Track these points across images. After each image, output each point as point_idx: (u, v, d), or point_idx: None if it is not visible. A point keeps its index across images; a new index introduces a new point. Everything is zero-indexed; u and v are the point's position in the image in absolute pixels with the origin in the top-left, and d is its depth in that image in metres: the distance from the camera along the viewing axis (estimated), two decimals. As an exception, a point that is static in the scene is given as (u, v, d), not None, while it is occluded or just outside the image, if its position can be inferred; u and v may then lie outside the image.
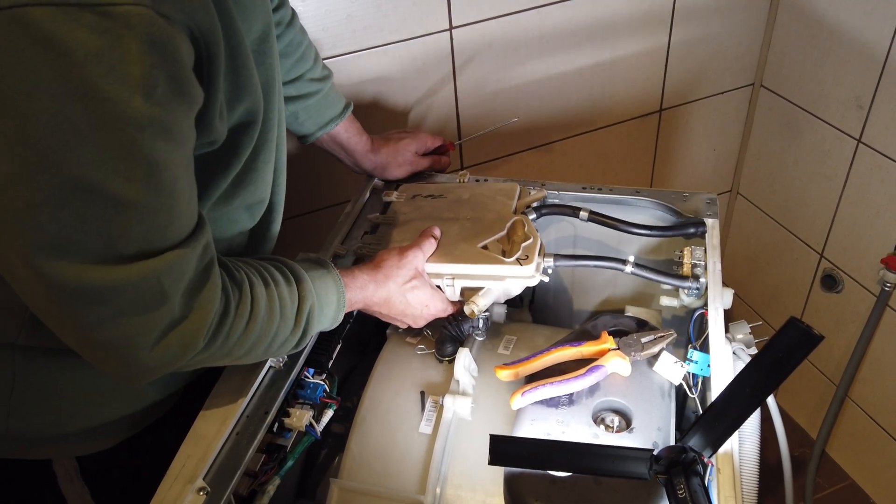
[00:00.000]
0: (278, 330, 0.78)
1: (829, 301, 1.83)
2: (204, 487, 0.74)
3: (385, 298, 0.92)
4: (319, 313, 0.82)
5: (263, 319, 0.75)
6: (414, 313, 0.95)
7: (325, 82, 1.10)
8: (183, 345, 0.68)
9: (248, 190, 0.83)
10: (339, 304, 0.85)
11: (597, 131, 1.72)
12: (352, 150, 1.16)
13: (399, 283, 0.92)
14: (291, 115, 1.09)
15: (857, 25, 1.50)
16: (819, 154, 1.72)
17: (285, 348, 0.81)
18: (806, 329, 0.67)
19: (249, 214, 0.87)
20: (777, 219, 1.93)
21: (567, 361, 0.90)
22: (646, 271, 0.98)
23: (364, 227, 1.10)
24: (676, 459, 0.74)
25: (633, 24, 1.57)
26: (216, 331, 0.70)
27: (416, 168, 1.22)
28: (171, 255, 0.63)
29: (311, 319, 0.81)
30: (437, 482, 0.84)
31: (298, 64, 1.05)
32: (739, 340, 0.97)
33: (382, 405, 0.93)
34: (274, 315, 0.76)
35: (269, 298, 0.76)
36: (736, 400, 0.72)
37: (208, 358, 0.73)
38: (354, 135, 1.16)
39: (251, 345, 0.75)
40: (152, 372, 0.69)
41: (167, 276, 0.63)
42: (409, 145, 1.21)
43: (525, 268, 0.94)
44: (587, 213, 1.06)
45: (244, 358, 0.78)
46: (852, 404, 1.87)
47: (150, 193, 0.59)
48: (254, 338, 0.75)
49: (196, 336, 0.68)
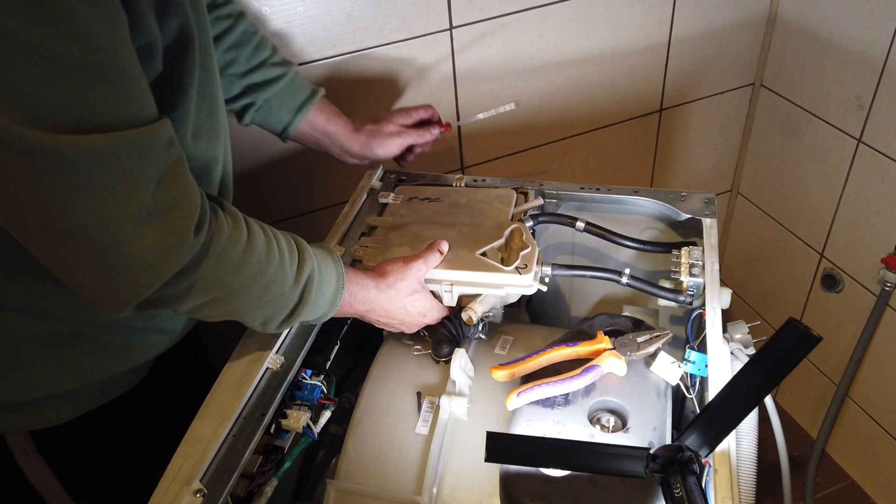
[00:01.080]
0: (275, 275, 0.76)
1: (830, 301, 1.83)
2: (201, 489, 0.74)
3: (384, 306, 0.92)
4: (319, 283, 0.81)
5: (261, 256, 0.74)
6: (411, 321, 0.96)
7: (289, 66, 1.10)
8: (166, 243, 0.65)
9: (205, 139, 0.81)
10: (337, 287, 0.85)
11: (597, 131, 1.72)
12: (334, 133, 1.15)
13: (402, 295, 0.93)
14: (266, 108, 1.09)
15: (858, 25, 1.50)
16: (819, 154, 1.71)
17: (281, 305, 0.79)
18: (804, 330, 0.67)
19: (206, 176, 0.85)
20: (777, 218, 1.93)
21: (563, 361, 0.90)
22: (640, 283, 0.99)
23: (361, 228, 1.10)
24: (673, 458, 0.74)
25: (633, 23, 1.56)
26: (208, 242, 0.69)
27: (404, 140, 1.17)
28: (130, 132, 0.61)
29: (311, 284, 0.80)
30: (434, 483, 0.84)
31: (257, 51, 1.06)
32: (738, 340, 0.97)
33: (379, 406, 0.93)
34: (272, 257, 0.75)
35: (267, 241, 0.76)
36: (733, 400, 0.72)
37: (199, 281, 0.70)
38: (333, 115, 1.14)
39: (246, 278, 0.74)
40: (140, 276, 0.66)
41: (128, 155, 0.61)
42: (392, 117, 1.18)
43: (523, 277, 0.94)
44: (583, 224, 1.06)
45: (238, 295, 0.75)
46: (852, 404, 1.86)
47: (91, 54, 0.58)
48: (250, 271, 0.73)
49: (179, 233, 0.66)
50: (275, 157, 1.41)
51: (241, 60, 1.05)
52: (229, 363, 0.88)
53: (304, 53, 1.32)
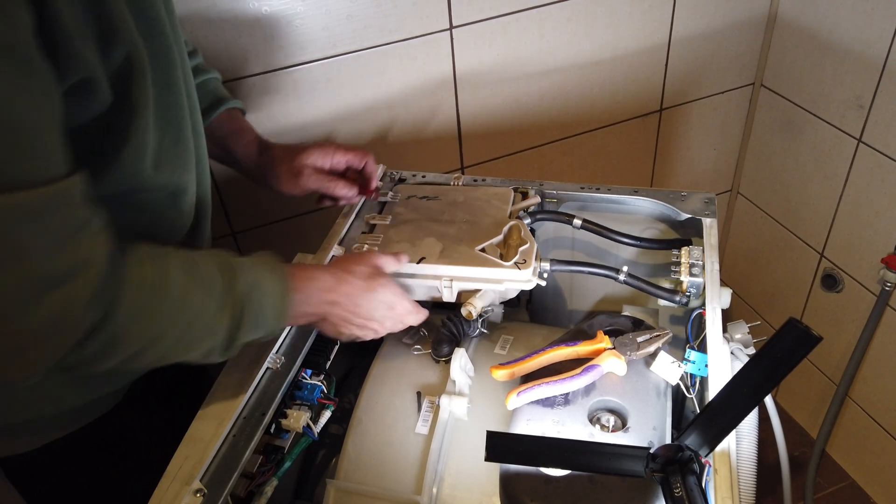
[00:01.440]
0: (199, 310, 0.70)
1: (830, 301, 1.83)
2: (201, 489, 0.74)
3: (348, 294, 0.84)
4: (258, 298, 0.75)
5: (176, 296, 0.68)
6: (382, 314, 0.88)
7: (202, 75, 1.02)
8: (61, 317, 0.59)
9: (169, 168, 0.77)
10: (283, 293, 0.78)
11: (597, 131, 1.72)
12: (233, 152, 1.05)
13: (362, 277, 0.86)
14: None
15: (858, 25, 1.50)
16: (819, 153, 1.71)
17: (214, 335, 0.73)
18: (805, 330, 0.66)
19: (175, 205, 0.81)
20: (777, 218, 1.93)
21: (563, 361, 0.90)
22: (638, 282, 0.99)
23: (362, 228, 1.10)
24: (673, 458, 0.74)
25: (633, 23, 1.56)
26: (112, 302, 0.63)
27: (309, 183, 1.04)
28: (23, 196, 0.55)
29: (245, 303, 0.73)
30: (434, 482, 0.84)
31: None
32: (738, 340, 0.97)
33: (379, 406, 0.93)
34: (190, 292, 0.69)
35: (185, 275, 0.69)
36: (733, 399, 0.72)
37: (110, 342, 0.64)
38: (236, 131, 1.05)
39: (163, 324, 0.67)
40: (32, 353, 0.60)
41: (17, 224, 0.55)
42: (308, 154, 1.04)
43: (522, 272, 0.95)
44: (580, 221, 1.07)
45: (160, 341, 0.69)
46: (852, 404, 1.86)
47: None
48: (165, 315, 0.67)
49: (74, 305, 0.60)
50: (275, 157, 1.41)
51: None
52: (229, 363, 0.88)
53: (304, 53, 1.32)
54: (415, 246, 1.00)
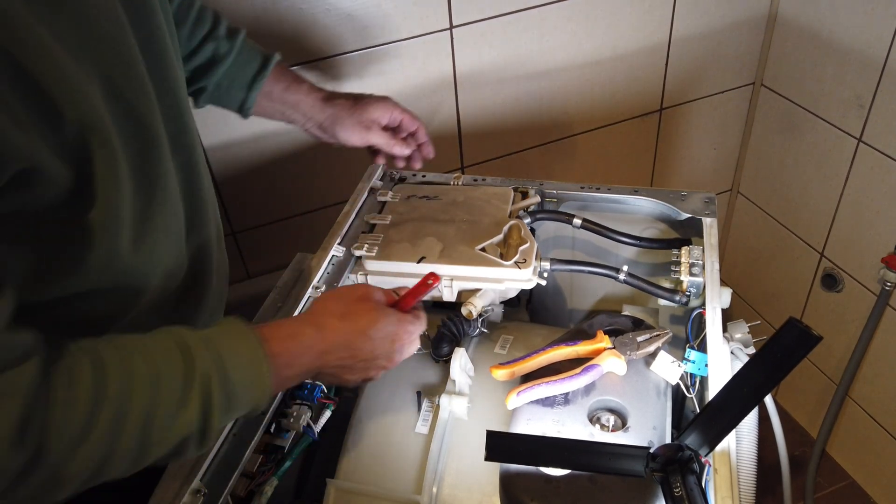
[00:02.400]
0: (153, 408, 0.59)
1: (830, 300, 1.83)
2: (201, 489, 0.74)
3: (338, 343, 0.74)
4: (225, 379, 0.63)
5: (123, 403, 0.57)
6: (386, 350, 0.78)
7: (235, 38, 0.98)
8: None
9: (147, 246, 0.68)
10: (255, 359, 0.66)
11: (597, 130, 1.72)
12: (296, 102, 1.03)
13: (348, 318, 0.75)
14: (215, 89, 0.99)
15: (858, 24, 1.50)
16: (819, 153, 1.71)
17: (182, 428, 0.60)
18: (805, 329, 0.66)
19: (163, 282, 0.73)
20: (777, 218, 1.93)
21: (563, 361, 0.90)
22: (638, 281, 0.99)
23: (362, 228, 1.10)
24: (673, 457, 0.74)
25: (633, 23, 1.56)
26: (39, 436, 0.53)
27: (368, 136, 1.04)
28: None
29: (212, 387, 0.62)
30: (434, 482, 0.84)
31: (197, 28, 0.95)
32: (738, 340, 0.96)
33: (379, 405, 0.93)
34: (141, 390, 0.58)
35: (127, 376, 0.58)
36: (733, 399, 0.72)
37: (52, 474, 0.55)
38: (292, 83, 1.02)
39: (112, 437, 0.57)
40: None
41: None
42: (374, 107, 1.04)
43: (523, 271, 0.95)
44: (580, 221, 1.07)
45: (115, 456, 0.57)
46: (853, 403, 1.86)
47: None
48: (112, 427, 0.56)
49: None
50: (274, 156, 1.41)
51: (181, 43, 0.91)
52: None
53: (304, 53, 1.32)
54: (415, 246, 1.01)
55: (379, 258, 1.00)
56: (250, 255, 1.51)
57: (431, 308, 1.08)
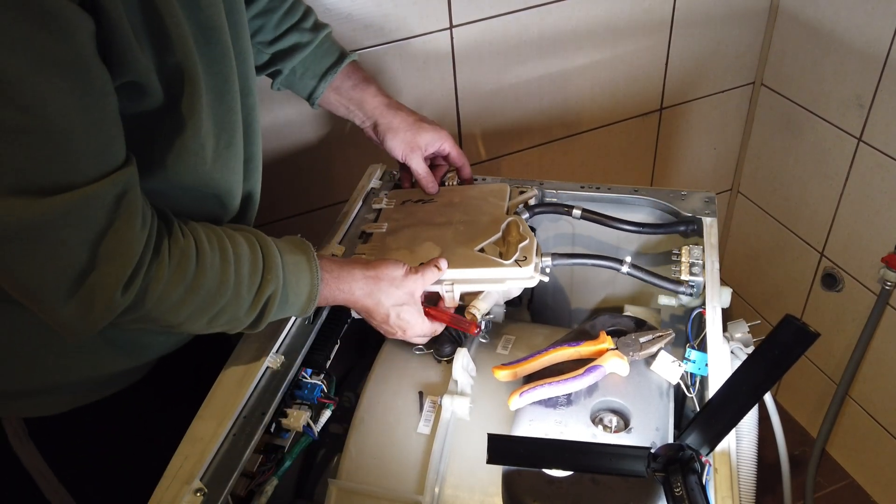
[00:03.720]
0: (226, 306, 0.76)
1: (830, 300, 1.83)
2: (201, 488, 0.74)
3: (368, 307, 0.90)
4: (283, 301, 0.81)
5: (209, 291, 0.74)
6: (392, 330, 0.93)
7: (318, 31, 1.06)
8: (98, 299, 0.66)
9: (221, 169, 0.82)
10: (310, 297, 0.83)
11: (597, 130, 1.72)
12: (359, 101, 1.10)
13: (391, 300, 0.90)
14: (291, 74, 1.07)
15: (858, 24, 1.50)
16: (820, 153, 1.71)
17: (234, 325, 0.80)
18: (801, 326, 0.66)
19: (220, 203, 0.86)
20: (777, 217, 1.93)
21: (565, 361, 0.90)
22: (641, 273, 0.98)
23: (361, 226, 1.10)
24: (674, 457, 0.74)
25: (633, 22, 1.56)
26: (144, 288, 0.69)
27: (410, 157, 1.10)
28: (69, 196, 0.60)
29: (270, 305, 0.80)
30: (436, 482, 0.84)
31: (286, 17, 1.03)
32: (738, 339, 0.96)
33: (380, 405, 0.93)
34: (225, 290, 0.75)
35: (222, 272, 0.75)
36: (732, 398, 0.72)
37: (143, 317, 0.71)
38: (360, 82, 1.10)
39: (191, 313, 0.74)
40: (80, 327, 0.68)
41: (64, 221, 0.61)
42: (426, 137, 1.10)
43: (524, 269, 0.94)
44: (580, 211, 1.06)
45: (185, 325, 0.76)
46: (853, 403, 1.87)
47: (35, 120, 0.57)
48: (193, 307, 0.74)
49: (108, 290, 0.66)
50: (274, 157, 1.41)
51: (269, 28, 1.03)
52: (229, 362, 0.88)
53: (304, 52, 1.31)
54: (413, 252, 0.99)
55: None
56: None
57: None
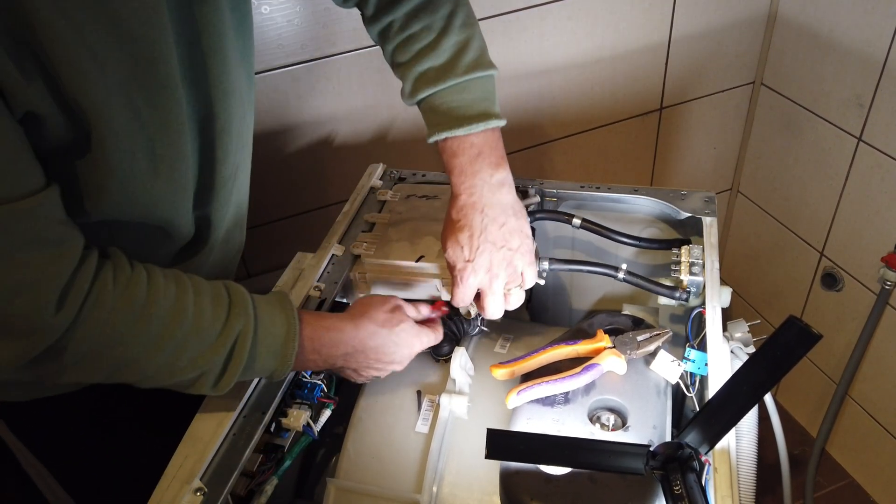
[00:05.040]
0: (185, 340, 0.70)
1: (830, 299, 1.83)
2: (201, 488, 0.74)
3: (367, 343, 0.83)
4: (254, 340, 0.74)
5: (163, 320, 0.68)
6: (402, 355, 0.88)
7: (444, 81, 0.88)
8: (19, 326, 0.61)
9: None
10: (287, 338, 0.77)
11: (597, 129, 1.72)
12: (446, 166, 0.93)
13: (382, 322, 0.85)
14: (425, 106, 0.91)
15: (858, 24, 1.50)
16: (819, 152, 1.71)
17: (203, 369, 0.72)
18: (804, 328, 0.66)
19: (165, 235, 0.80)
20: (777, 217, 1.93)
21: (563, 360, 0.90)
22: (638, 279, 0.99)
23: (361, 227, 1.10)
24: (673, 455, 0.74)
25: (633, 22, 1.56)
26: (85, 313, 0.64)
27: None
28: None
29: (243, 342, 0.73)
30: (434, 481, 0.84)
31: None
32: (737, 339, 0.96)
33: (379, 405, 0.93)
34: (182, 320, 0.69)
35: (178, 300, 0.70)
36: (733, 397, 0.72)
37: (90, 353, 0.66)
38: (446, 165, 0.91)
39: (146, 347, 0.68)
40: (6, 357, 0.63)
41: None
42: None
43: None
44: (580, 221, 1.07)
45: (138, 363, 0.69)
46: (853, 403, 1.87)
47: None
48: (146, 339, 0.68)
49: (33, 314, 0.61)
50: (274, 157, 1.41)
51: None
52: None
53: (304, 51, 1.32)
54: (413, 245, 1.00)
55: (378, 257, 1.00)
56: (250, 254, 1.51)
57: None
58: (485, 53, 0.91)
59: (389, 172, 1.22)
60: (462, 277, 0.89)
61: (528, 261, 0.92)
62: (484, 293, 0.91)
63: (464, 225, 0.88)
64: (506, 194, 0.90)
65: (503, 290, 0.92)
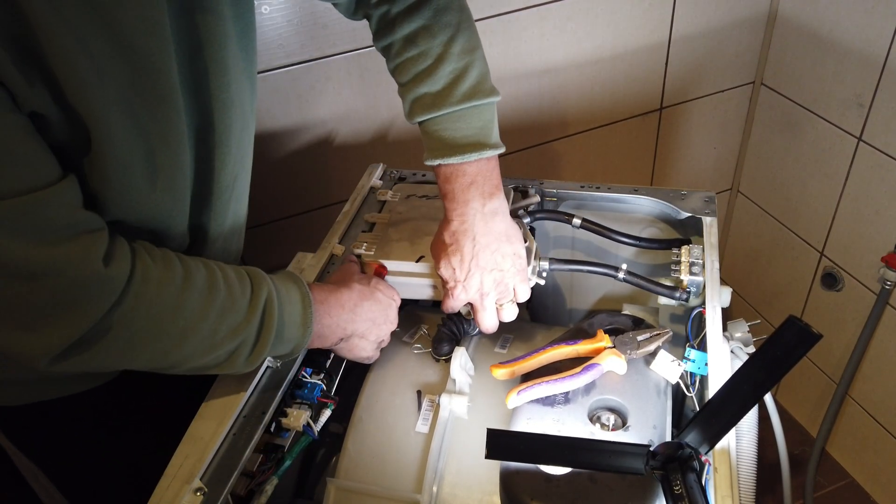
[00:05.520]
0: (225, 307, 0.72)
1: (830, 299, 1.83)
2: (201, 488, 0.74)
3: (355, 301, 0.87)
4: (280, 306, 0.77)
5: (201, 290, 0.71)
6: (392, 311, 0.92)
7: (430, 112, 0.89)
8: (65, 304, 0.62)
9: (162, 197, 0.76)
10: (304, 305, 0.80)
11: (597, 129, 1.72)
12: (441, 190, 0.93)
13: (360, 280, 0.90)
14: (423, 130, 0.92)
15: (858, 23, 1.50)
16: (819, 152, 1.71)
17: (241, 338, 0.75)
18: (804, 327, 0.66)
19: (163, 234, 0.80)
20: (777, 217, 1.93)
21: (563, 360, 0.90)
22: (638, 279, 0.99)
23: (361, 226, 1.10)
24: (673, 455, 0.74)
25: (633, 22, 1.56)
26: (136, 289, 0.66)
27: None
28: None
29: (270, 308, 0.76)
30: (434, 481, 0.84)
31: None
32: (737, 339, 0.96)
33: (379, 405, 0.93)
34: (216, 290, 0.72)
35: (208, 273, 0.73)
36: (733, 397, 0.72)
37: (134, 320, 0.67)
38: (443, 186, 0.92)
39: (190, 316, 0.70)
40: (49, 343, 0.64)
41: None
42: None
43: None
44: (580, 221, 1.07)
45: (186, 337, 0.71)
46: (853, 402, 1.87)
47: None
48: (190, 309, 0.70)
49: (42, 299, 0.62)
50: (274, 157, 1.41)
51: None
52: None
53: (304, 51, 1.32)
54: (413, 244, 1.00)
55: (378, 257, 1.00)
56: (250, 254, 1.51)
57: (431, 308, 1.08)
58: (485, 80, 0.91)
59: (389, 172, 1.22)
60: (453, 294, 0.92)
61: (520, 279, 0.93)
62: (476, 309, 0.94)
63: (455, 250, 0.90)
64: (498, 223, 0.90)
65: (495, 306, 0.94)
